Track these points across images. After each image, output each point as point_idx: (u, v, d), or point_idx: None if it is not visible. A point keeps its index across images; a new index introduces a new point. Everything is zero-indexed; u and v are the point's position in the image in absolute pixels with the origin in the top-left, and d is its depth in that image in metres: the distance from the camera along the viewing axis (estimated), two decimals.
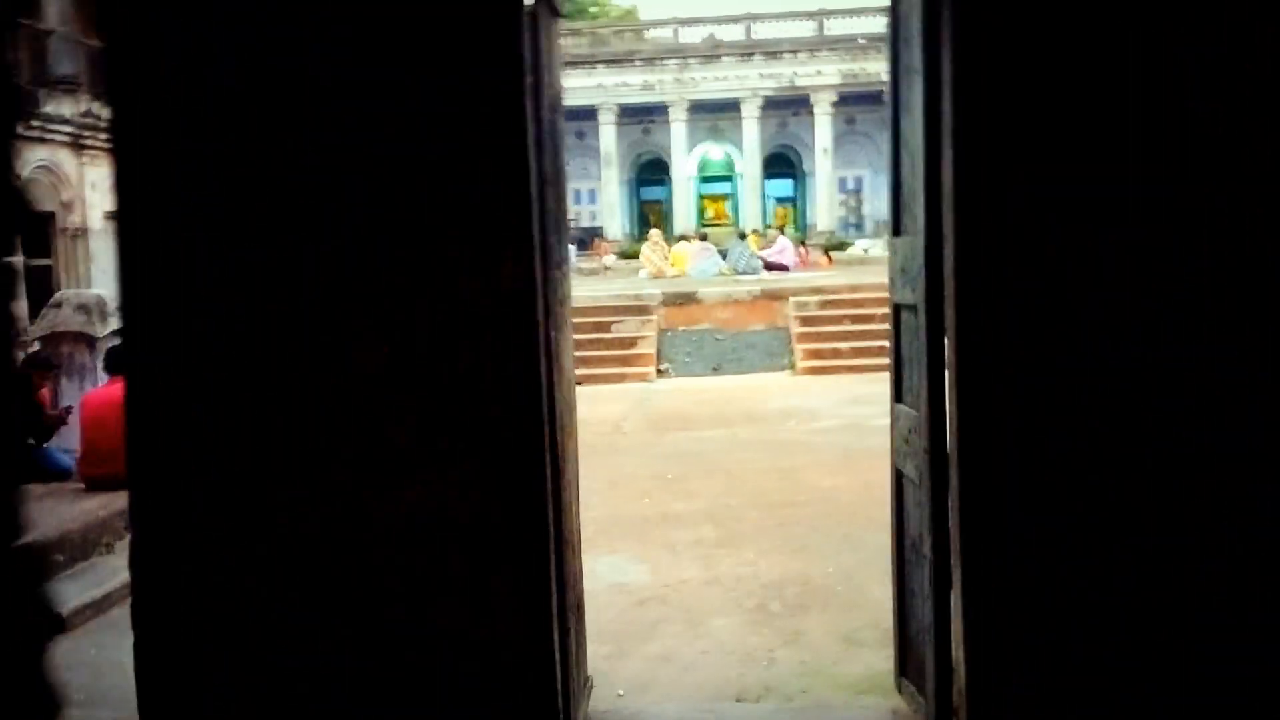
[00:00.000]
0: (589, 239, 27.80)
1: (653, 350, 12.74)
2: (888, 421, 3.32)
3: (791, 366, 12.53)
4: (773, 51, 29.01)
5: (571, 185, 32.04)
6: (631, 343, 12.82)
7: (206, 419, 2.65)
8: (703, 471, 7.10)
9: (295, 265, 2.64)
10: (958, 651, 2.78)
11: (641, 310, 13.55)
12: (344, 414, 2.67)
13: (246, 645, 2.69)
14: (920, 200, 2.94)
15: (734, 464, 7.32)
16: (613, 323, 13.07)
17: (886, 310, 3.52)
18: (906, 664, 3.28)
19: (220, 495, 2.66)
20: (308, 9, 2.61)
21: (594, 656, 3.71)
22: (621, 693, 3.52)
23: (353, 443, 2.67)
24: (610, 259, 24.16)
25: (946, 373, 2.87)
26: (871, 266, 18.37)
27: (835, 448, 7.72)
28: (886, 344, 3.49)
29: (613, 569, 4.93)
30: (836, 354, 12.23)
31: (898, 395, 3.27)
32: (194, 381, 2.65)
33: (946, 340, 2.87)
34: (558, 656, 2.80)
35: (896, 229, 3.27)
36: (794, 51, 28.92)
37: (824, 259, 21.83)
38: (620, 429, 9.12)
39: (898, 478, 3.30)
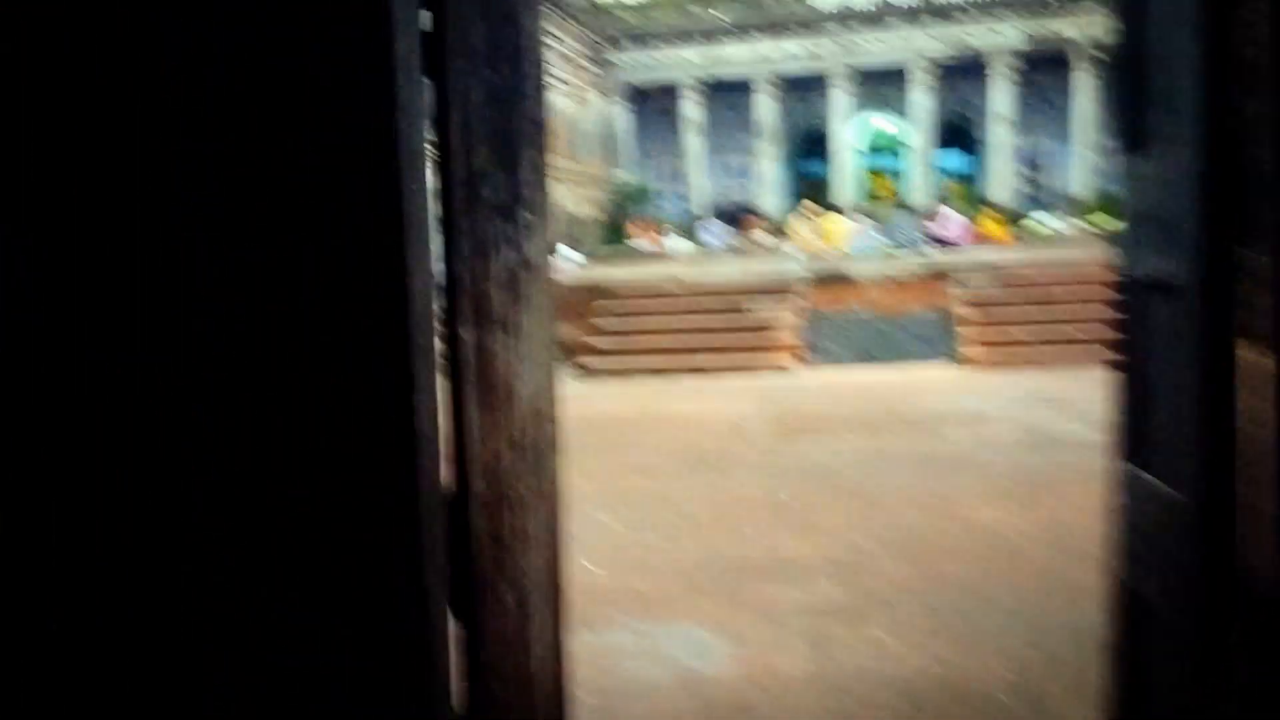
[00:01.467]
0: (740, 215, 26.38)
1: (792, 336, 11.22)
2: (1077, 428, 1.92)
3: (956, 357, 10.77)
4: (943, 11, 26.64)
5: (722, 159, 30.96)
6: (767, 327, 11.34)
7: None
8: (831, 496, 5.62)
9: None
10: None
11: (781, 290, 11.99)
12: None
13: None
14: (1192, 76, 1.46)
15: (873, 486, 5.80)
16: (746, 304, 11.62)
17: (1074, 292, 2.01)
18: None
19: None
20: None
21: None
22: None
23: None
24: (761, 235, 22.65)
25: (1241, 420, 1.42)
26: (1055, 244, 16.66)
27: (1009, 467, 6.06)
28: (1075, 333, 2.01)
29: (685, 647, 3.59)
30: (1012, 343, 10.37)
31: (1132, 450, 1.79)
32: None
33: (1243, 353, 1.41)
34: None
35: (1133, 141, 1.79)
36: (965, 9, 26.47)
37: (1006, 234, 19.78)
38: (740, 433, 7.69)
39: (1129, 598, 1.83)
